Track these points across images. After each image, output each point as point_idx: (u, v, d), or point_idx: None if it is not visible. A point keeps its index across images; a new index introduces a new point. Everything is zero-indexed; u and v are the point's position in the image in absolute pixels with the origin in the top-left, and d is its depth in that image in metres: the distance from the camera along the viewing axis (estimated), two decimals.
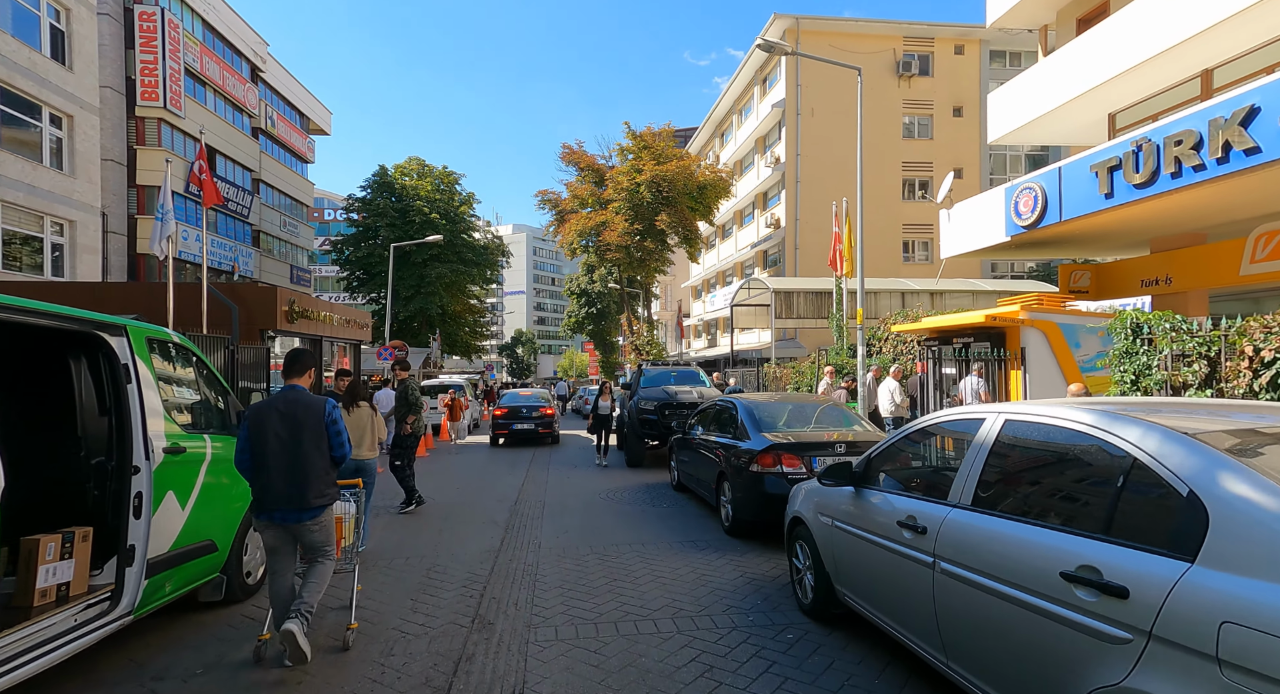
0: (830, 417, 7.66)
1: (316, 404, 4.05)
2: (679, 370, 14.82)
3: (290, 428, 3.92)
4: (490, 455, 15.77)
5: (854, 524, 3.90)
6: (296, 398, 4.03)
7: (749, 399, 7.99)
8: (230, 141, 32.45)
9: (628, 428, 13.13)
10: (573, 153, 31.71)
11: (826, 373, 12.65)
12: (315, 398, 4.09)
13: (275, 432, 3.90)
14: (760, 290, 22.47)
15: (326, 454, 4.03)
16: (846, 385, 11.82)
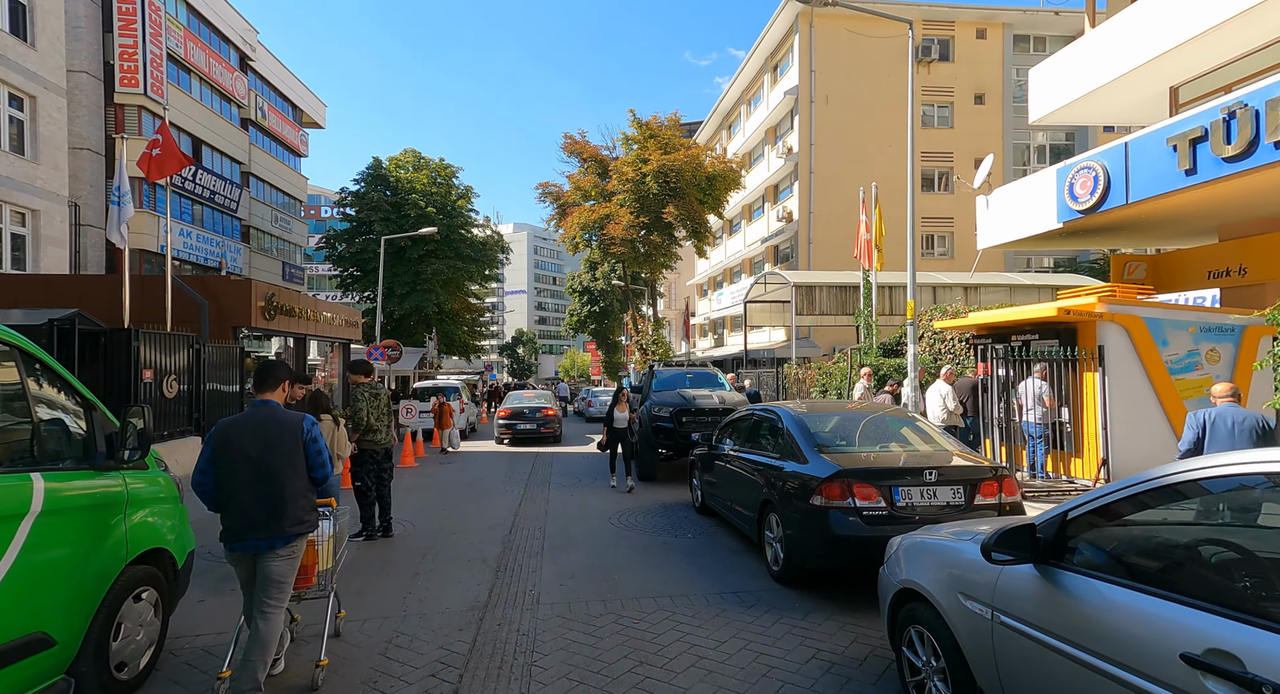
0: (899, 430, 6.15)
1: (292, 421, 3.69)
2: (695, 371, 13.34)
3: (262, 448, 3.56)
4: (485, 466, 14.28)
5: (1052, 631, 2.39)
6: (269, 414, 3.67)
7: (795, 408, 6.50)
8: (217, 132, 31.00)
9: (638, 437, 11.64)
10: (575, 143, 30.24)
11: (863, 375, 11.16)
12: (291, 414, 3.73)
13: (245, 452, 3.54)
14: (778, 285, 20.98)
15: (304, 475, 3.67)
16: (891, 389, 10.32)
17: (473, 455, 16.27)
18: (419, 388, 21.54)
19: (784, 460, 5.78)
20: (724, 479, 7.38)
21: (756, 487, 6.21)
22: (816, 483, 5.06)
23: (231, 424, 3.61)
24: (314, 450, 3.70)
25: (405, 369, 30.14)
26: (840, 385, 13.70)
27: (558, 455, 16.15)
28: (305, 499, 3.67)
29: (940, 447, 5.72)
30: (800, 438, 5.72)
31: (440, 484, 11.73)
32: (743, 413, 7.70)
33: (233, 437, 3.56)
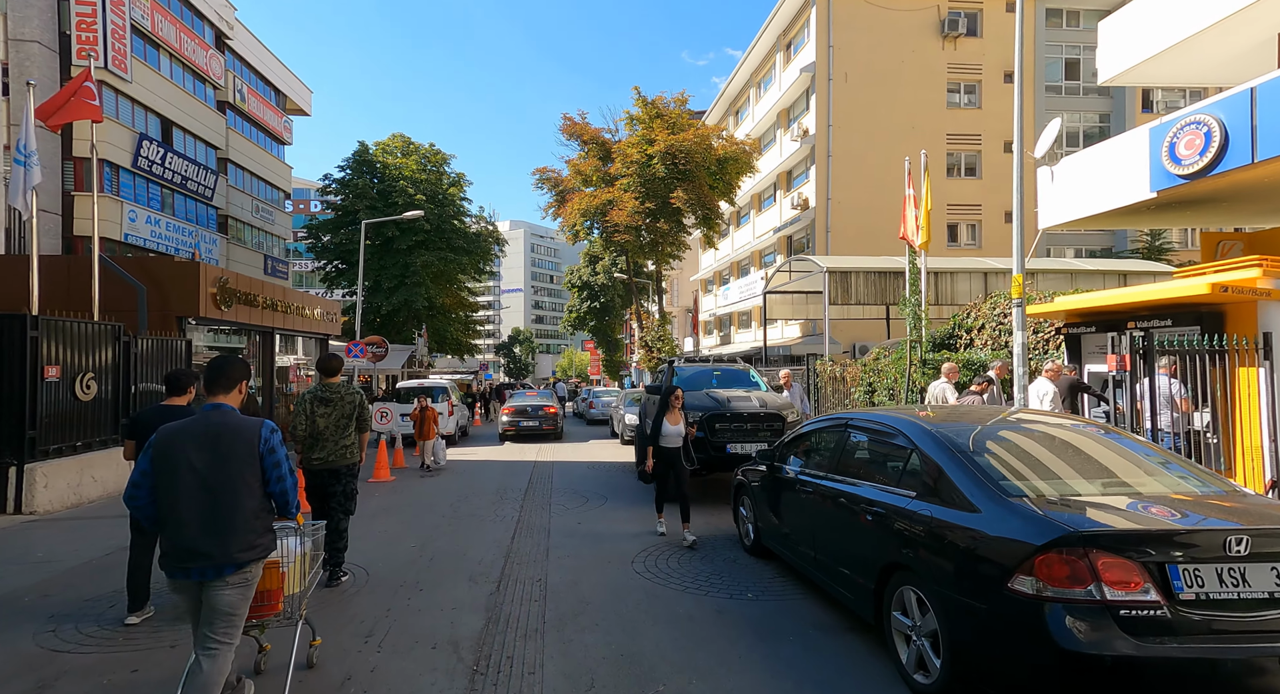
0: (1112, 452, 3.99)
1: (247, 428, 3.14)
2: (723, 369, 11.21)
3: (210, 459, 3.04)
4: (475, 479, 12.13)
5: None
6: (221, 421, 3.13)
7: (928, 418, 4.36)
8: (190, 114, 28.80)
9: None
10: (575, 125, 28.08)
11: (945, 372, 9.05)
12: (246, 420, 3.18)
13: (189, 464, 3.02)
14: (802, 274, 18.84)
15: (259, 492, 3.14)
16: (979, 389, 8.20)
17: (461, 465, 14.12)
18: (402, 388, 19.37)
19: (930, 503, 3.64)
20: (800, 515, 5.26)
21: (871, 538, 4.08)
22: (1022, 553, 2.92)
23: (174, 431, 3.13)
24: (272, 462, 3.18)
25: (392, 368, 27.96)
26: (891, 384, 11.60)
27: (558, 465, 14.01)
28: (260, 519, 3.17)
29: (1221, 485, 3.56)
30: (959, 468, 3.58)
31: (417, 505, 9.58)
32: (824, 423, 5.57)
33: (175, 445, 3.08)
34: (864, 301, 15.54)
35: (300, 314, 18.22)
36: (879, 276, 15.45)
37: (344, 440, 5.94)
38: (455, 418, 19.37)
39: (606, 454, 15.98)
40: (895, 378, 11.38)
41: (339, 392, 6.03)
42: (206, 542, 3.00)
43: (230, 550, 3.02)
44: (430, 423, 12.92)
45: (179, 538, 3.01)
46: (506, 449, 17.55)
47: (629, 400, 19.61)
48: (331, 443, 5.89)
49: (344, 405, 5.99)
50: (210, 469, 3.05)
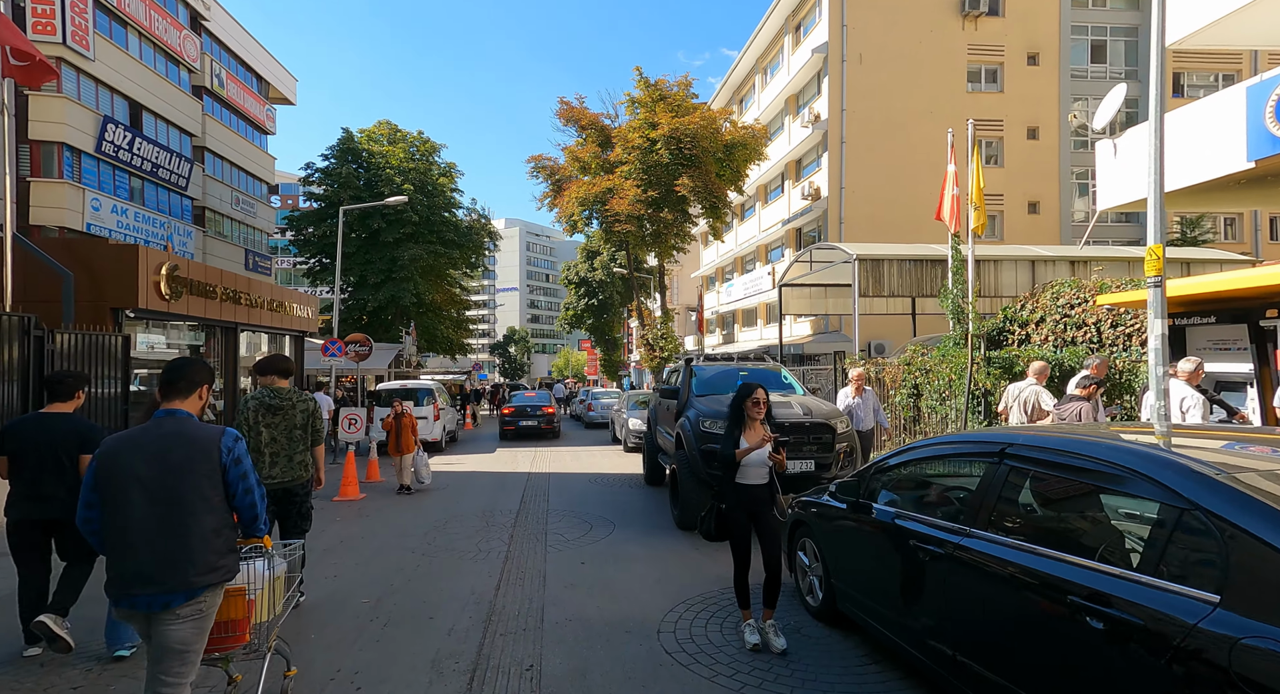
0: None
1: (205, 438, 2.80)
2: (750, 369, 9.50)
3: (163, 473, 2.70)
4: (458, 498, 10.41)
5: None
6: (177, 430, 2.79)
7: (1193, 456, 2.63)
8: (162, 97, 26.99)
9: (678, 464, 7.83)
10: (572, 110, 26.34)
11: (1032, 372, 7.38)
12: (205, 429, 2.83)
13: (138, 479, 2.68)
14: (824, 265, 17.16)
15: (221, 509, 2.80)
16: (1085, 393, 6.52)
17: (445, 479, 12.40)
18: (382, 390, 17.64)
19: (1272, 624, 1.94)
20: (922, 589, 3.55)
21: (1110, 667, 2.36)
22: None
23: (122, 442, 2.75)
24: (237, 475, 2.82)
25: (378, 368, 26.19)
26: (944, 387, 9.92)
27: (555, 478, 12.30)
28: (221, 539, 2.78)
29: None
30: None
31: (384, 535, 7.87)
32: (955, 446, 3.87)
33: (121, 458, 2.70)
34: (897, 293, 13.86)
35: (270, 309, 16.46)
36: (914, 266, 13.76)
37: (297, 455, 5.26)
38: (442, 423, 17.67)
39: (609, 464, 14.29)
40: (950, 379, 9.71)
41: (288, 398, 5.32)
42: (156, 566, 2.66)
43: (185, 575, 2.67)
44: (408, 433, 10.68)
45: (125, 562, 2.69)
46: (499, 457, 15.84)
47: (632, 403, 17.92)
48: (284, 458, 5.21)
49: (294, 414, 5.29)
50: (161, 484, 2.70)
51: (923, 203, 25.62)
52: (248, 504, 2.89)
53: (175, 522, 2.69)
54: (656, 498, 10.11)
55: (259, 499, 2.92)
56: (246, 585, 3.16)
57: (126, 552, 2.67)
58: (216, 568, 2.76)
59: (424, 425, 16.89)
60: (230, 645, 3.21)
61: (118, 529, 2.68)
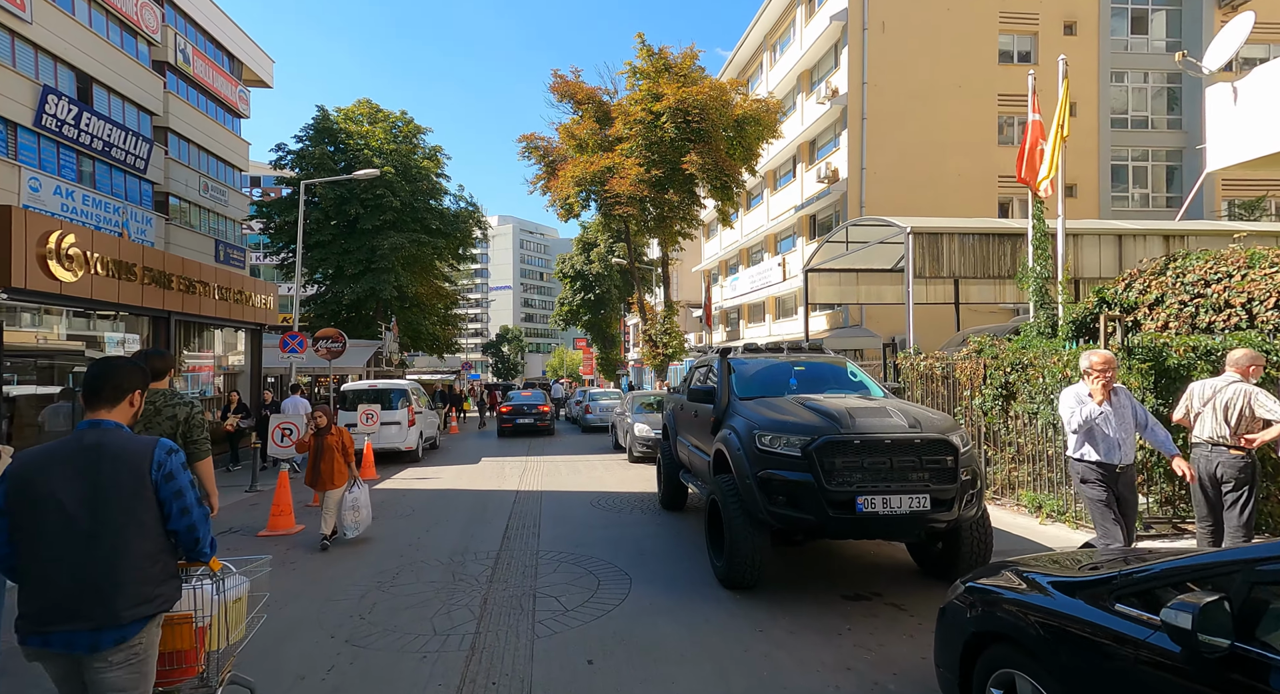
0: None
1: (134, 452, 2.45)
2: (808, 363, 7.17)
3: (86, 492, 2.37)
4: (417, 535, 8.08)
5: None
6: (101, 442, 2.43)
7: None
8: (115, 69, 24.53)
9: (720, 495, 5.51)
10: (567, 83, 24.00)
11: (1235, 364, 5.11)
12: (136, 442, 2.48)
13: (57, 499, 2.34)
14: (861, 244, 14.86)
15: (156, 530, 2.45)
16: None
17: (413, 499, 10.05)
18: (348, 391, 15.27)
19: None
20: None
21: None
22: None
23: (37, 458, 2.41)
24: (171, 492, 2.47)
25: (354, 367, 23.83)
26: (1050, 385, 7.63)
27: (548, 498, 9.98)
28: (156, 566, 2.44)
29: None
30: None
31: (306, 596, 5.53)
32: None
33: (37, 476, 2.36)
34: (958, 274, 11.58)
35: (218, 296, 14.10)
36: (979, 241, 11.48)
37: None
38: (419, 428, 15.32)
39: (613, 479, 11.96)
40: (1063, 376, 7.41)
41: (153, 402, 4.35)
42: (80, 598, 2.31)
43: (115, 608, 2.32)
44: (335, 458, 7.16)
45: (43, 594, 2.34)
46: (483, 470, 13.51)
47: (638, 405, 15.62)
48: None
49: (160, 423, 4.33)
50: (85, 504, 2.36)
51: (952, 185, 23.39)
52: (184, 527, 2.50)
53: (100, 548, 2.36)
54: (681, 531, 7.80)
55: (200, 520, 2.52)
56: (193, 612, 2.93)
57: (46, 583, 2.34)
58: (151, 598, 2.41)
59: (395, 432, 14.59)
60: (176, 679, 2.95)
61: (34, 557, 2.36)
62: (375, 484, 11.81)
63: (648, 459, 13.92)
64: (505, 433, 21.28)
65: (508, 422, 21.18)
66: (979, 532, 5.25)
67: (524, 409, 21.34)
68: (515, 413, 21.26)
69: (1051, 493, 7.82)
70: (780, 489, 5.08)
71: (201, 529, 2.54)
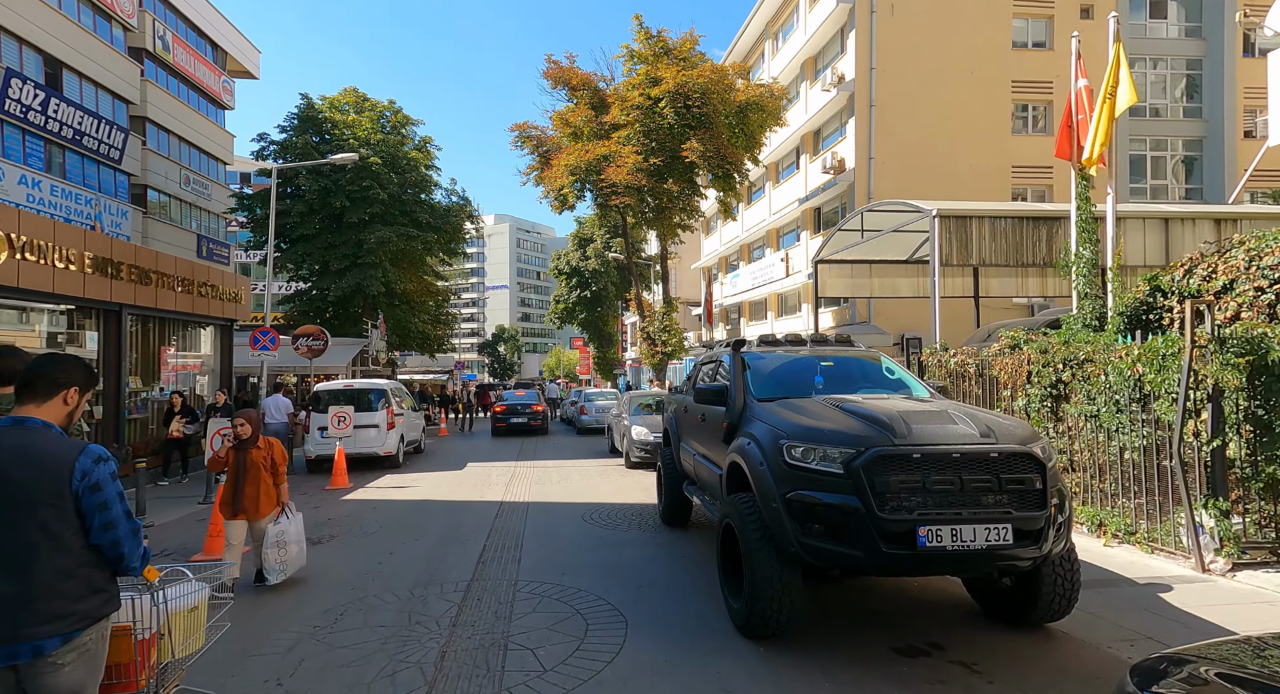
0: None
1: (57, 457, 2.24)
2: (836, 358, 6.07)
3: None
4: (371, 569, 6.98)
5: None
6: (19, 443, 2.24)
7: None
8: (88, 55, 23.40)
9: (738, 519, 4.41)
10: (561, 69, 22.89)
11: None
12: (60, 444, 2.29)
13: None
14: (875, 233, 13.78)
15: (76, 543, 2.26)
16: None
17: (384, 511, 8.95)
18: (322, 391, 14.14)
19: None
20: None
21: None
22: None
23: None
24: (94, 504, 2.26)
25: (337, 366, 22.71)
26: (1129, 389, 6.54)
27: (535, 511, 8.88)
28: (73, 582, 2.24)
29: None
30: None
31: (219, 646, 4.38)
32: None
33: None
34: (987, 261, 10.48)
35: (180, 288, 12.98)
36: (1013, 225, 10.38)
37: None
38: (399, 432, 14.20)
39: (608, 487, 10.86)
40: (1133, 375, 6.33)
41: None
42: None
43: (18, 626, 2.14)
44: (264, 480, 5.63)
45: None
46: (467, 477, 12.40)
47: (635, 406, 14.53)
48: None
49: None
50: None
51: (964, 175, 22.33)
52: (108, 541, 2.30)
53: (8, 560, 2.19)
54: (686, 553, 6.70)
55: (126, 535, 2.33)
56: (132, 624, 2.84)
57: None
58: (63, 616, 2.22)
59: (373, 436, 13.49)
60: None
61: None
62: (346, 493, 10.72)
63: (646, 465, 12.84)
64: (499, 432, 21.54)
65: (502, 421, 21.58)
66: (1065, 569, 4.16)
67: (518, 409, 21.72)
68: (509, 412, 21.65)
69: (1114, 509, 6.74)
70: (816, 515, 3.99)
71: (127, 544, 2.35)
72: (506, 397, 23.66)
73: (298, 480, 12.32)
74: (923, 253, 15.09)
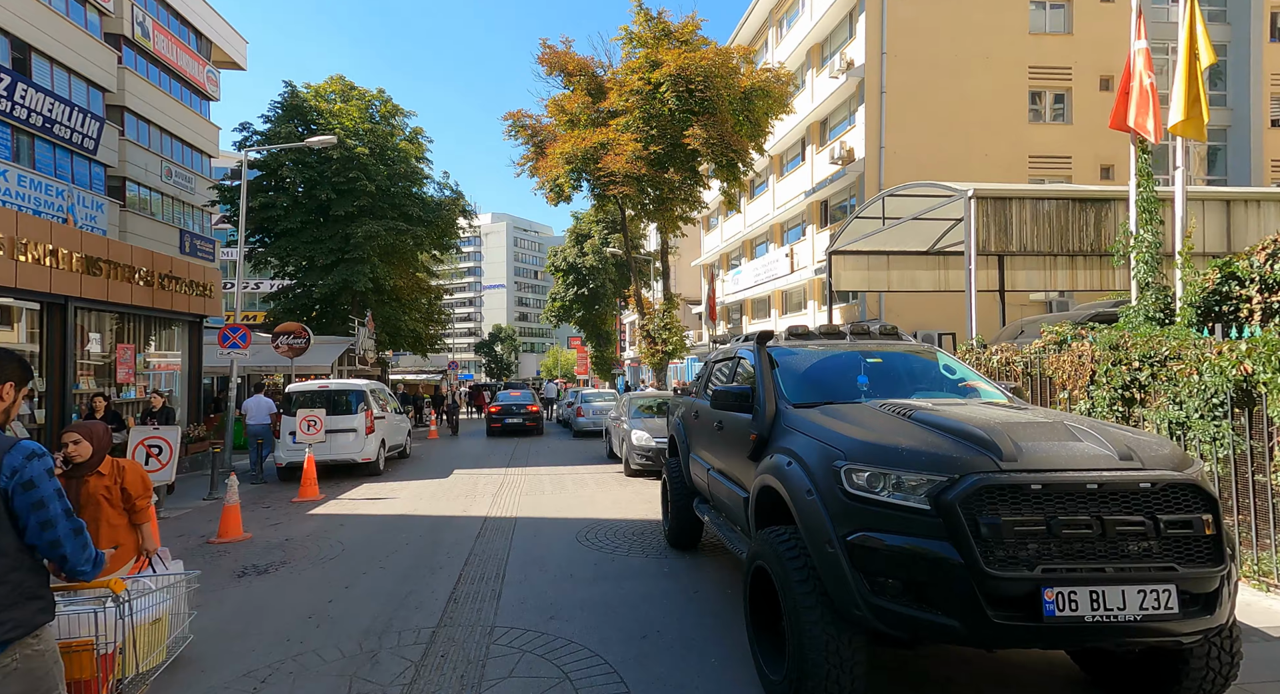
0: None
1: None
2: (885, 354, 4.97)
3: None
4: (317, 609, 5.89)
5: None
6: None
7: None
8: (60, 39, 22.27)
9: (776, 566, 3.32)
10: (557, 54, 21.77)
11: None
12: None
13: None
14: (897, 221, 12.68)
15: (8, 545, 2.12)
16: None
17: (355, 526, 7.85)
18: (294, 392, 13.01)
19: None
20: None
21: None
22: None
23: None
24: (27, 503, 2.11)
25: (321, 365, 21.57)
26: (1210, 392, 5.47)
27: (523, 528, 7.78)
28: (5, 585, 2.08)
29: None
30: None
31: None
32: None
33: None
34: (1030, 248, 9.38)
35: (138, 281, 11.87)
36: (1059, 208, 9.27)
37: None
38: (379, 436, 13.10)
39: (606, 499, 9.75)
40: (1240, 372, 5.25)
41: None
42: None
43: None
44: (105, 516, 3.80)
45: None
46: (452, 486, 11.28)
47: (635, 409, 13.44)
48: None
49: None
50: None
51: (979, 165, 21.27)
52: (47, 542, 2.16)
53: None
54: (700, 587, 5.61)
55: (67, 534, 2.18)
56: (94, 638, 2.68)
57: None
58: None
59: (351, 442, 12.40)
60: None
61: None
62: (314, 506, 9.61)
63: (647, 472, 11.77)
64: (495, 432, 21.47)
65: (496, 421, 21.47)
66: (1223, 643, 3.06)
67: (513, 409, 21.63)
68: (504, 412, 21.55)
69: None
70: (891, 568, 2.90)
71: (69, 545, 2.20)
72: (501, 397, 23.50)
73: (265, 491, 11.24)
74: (946, 242, 14.01)
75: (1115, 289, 14.58)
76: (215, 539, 7.51)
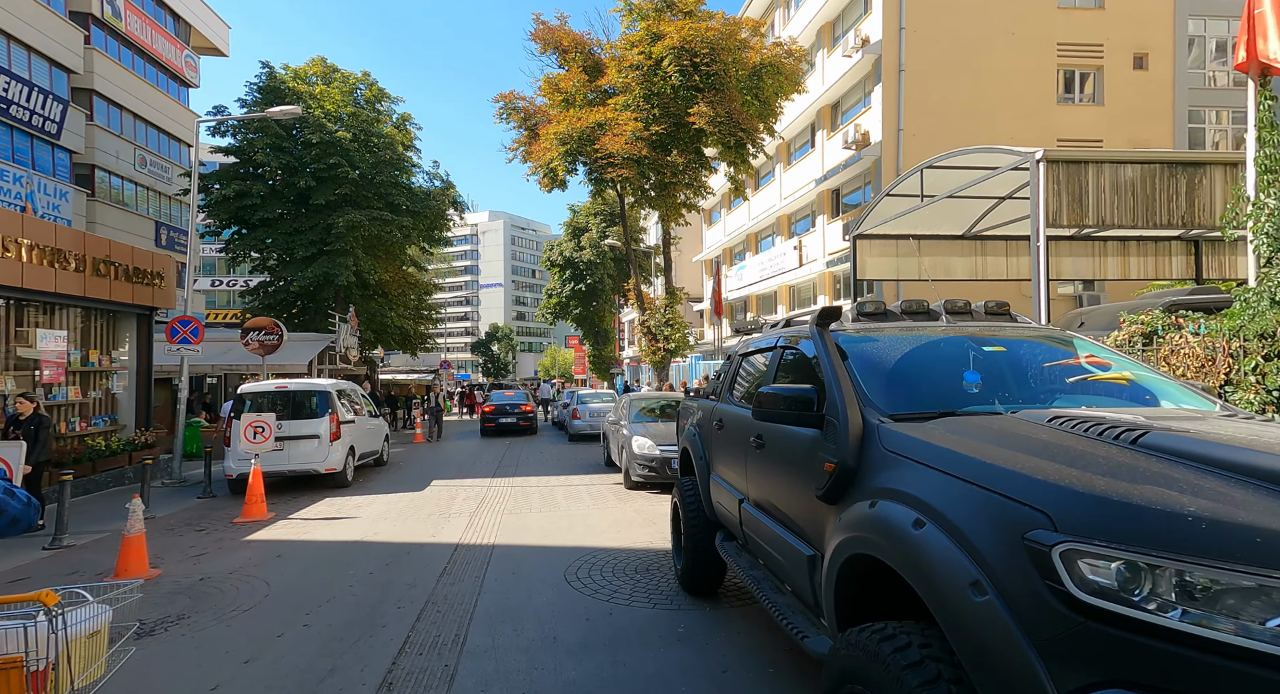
0: None
1: None
2: (1004, 341, 3.50)
3: None
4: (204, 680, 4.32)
5: None
6: None
7: None
8: (14, 12, 20.69)
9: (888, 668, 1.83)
10: (551, 30, 20.28)
11: None
12: None
13: None
14: (930, 199, 11.16)
15: None
16: None
17: (281, 565, 6.34)
18: (248, 393, 11.44)
19: None
20: None
21: None
22: None
23: None
24: None
25: (297, 363, 20.01)
26: None
27: (504, 559, 6.26)
28: None
29: None
30: None
31: None
32: None
33: None
34: (1110, 221, 7.86)
35: (62, 265, 10.34)
36: (1145, 174, 7.72)
37: None
38: (347, 442, 11.54)
39: (603, 519, 8.22)
40: None
41: None
42: None
43: None
44: None
45: None
46: (425, 502, 9.74)
47: (636, 413, 11.92)
48: None
49: None
50: None
51: None
52: None
53: None
54: (729, 664, 4.07)
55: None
56: (24, 654, 2.52)
57: None
58: None
59: (313, 449, 10.87)
60: None
61: None
62: (255, 530, 8.08)
63: (650, 485, 10.27)
64: (488, 432, 21.55)
65: (490, 421, 21.61)
66: None
67: (507, 408, 21.79)
68: (498, 412, 21.72)
69: None
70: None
71: None
72: (495, 396, 23.76)
73: (208, 507, 9.71)
74: (985, 226, 12.49)
75: (1170, 279, 13.09)
76: (112, 577, 5.99)
